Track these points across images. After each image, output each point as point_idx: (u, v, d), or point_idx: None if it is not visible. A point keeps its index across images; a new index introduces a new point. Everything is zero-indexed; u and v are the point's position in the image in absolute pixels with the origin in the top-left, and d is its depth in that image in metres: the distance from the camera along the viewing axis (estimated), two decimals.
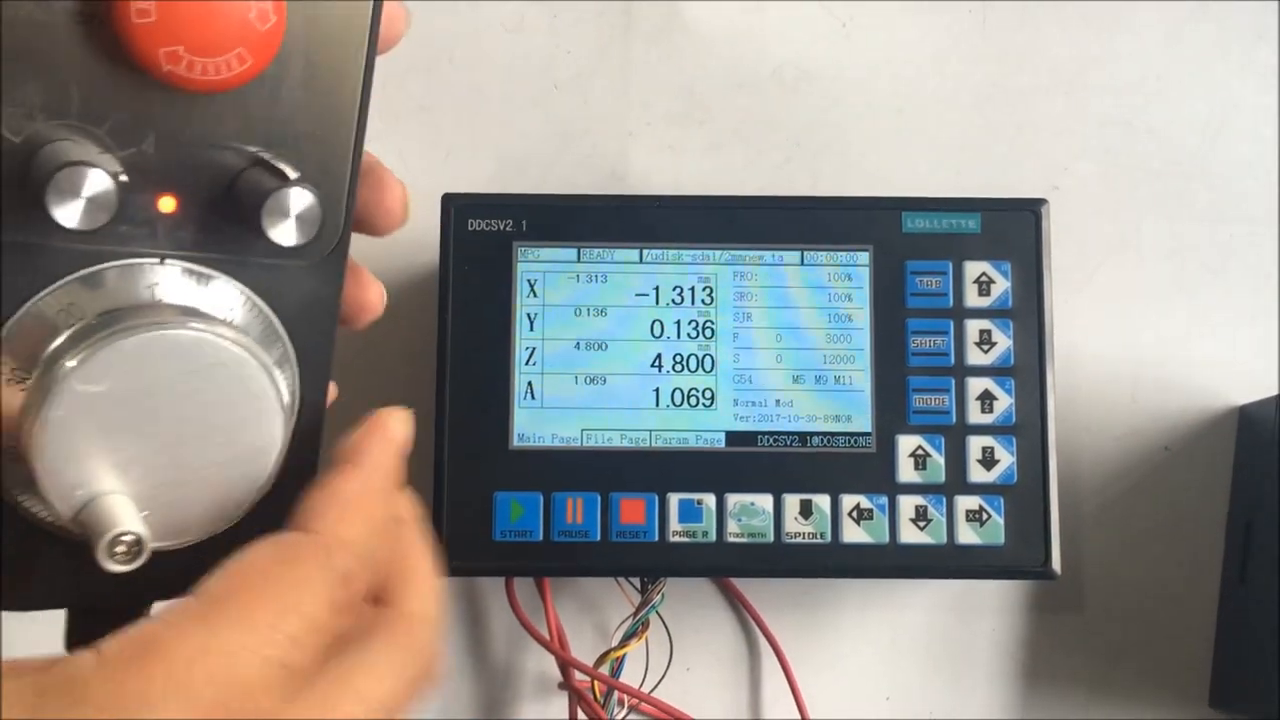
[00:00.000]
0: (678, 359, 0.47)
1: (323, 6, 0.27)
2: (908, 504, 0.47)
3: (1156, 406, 0.55)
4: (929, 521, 0.46)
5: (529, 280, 0.47)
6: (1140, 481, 0.54)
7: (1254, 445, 0.53)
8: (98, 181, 0.24)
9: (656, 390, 0.47)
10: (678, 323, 0.48)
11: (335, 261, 0.30)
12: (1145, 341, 0.55)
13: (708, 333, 0.47)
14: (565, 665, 0.48)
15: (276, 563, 0.25)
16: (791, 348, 0.47)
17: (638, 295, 0.48)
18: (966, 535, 0.46)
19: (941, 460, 0.47)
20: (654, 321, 0.47)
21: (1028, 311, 0.47)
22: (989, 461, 0.47)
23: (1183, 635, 0.53)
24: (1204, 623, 0.53)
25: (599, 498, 0.46)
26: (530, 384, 0.47)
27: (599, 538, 0.46)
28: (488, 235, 0.48)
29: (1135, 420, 0.55)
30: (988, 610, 0.53)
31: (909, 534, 0.46)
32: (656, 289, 0.48)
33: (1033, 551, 0.46)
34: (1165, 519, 0.54)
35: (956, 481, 0.47)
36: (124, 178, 0.26)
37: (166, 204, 0.27)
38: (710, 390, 0.47)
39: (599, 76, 0.56)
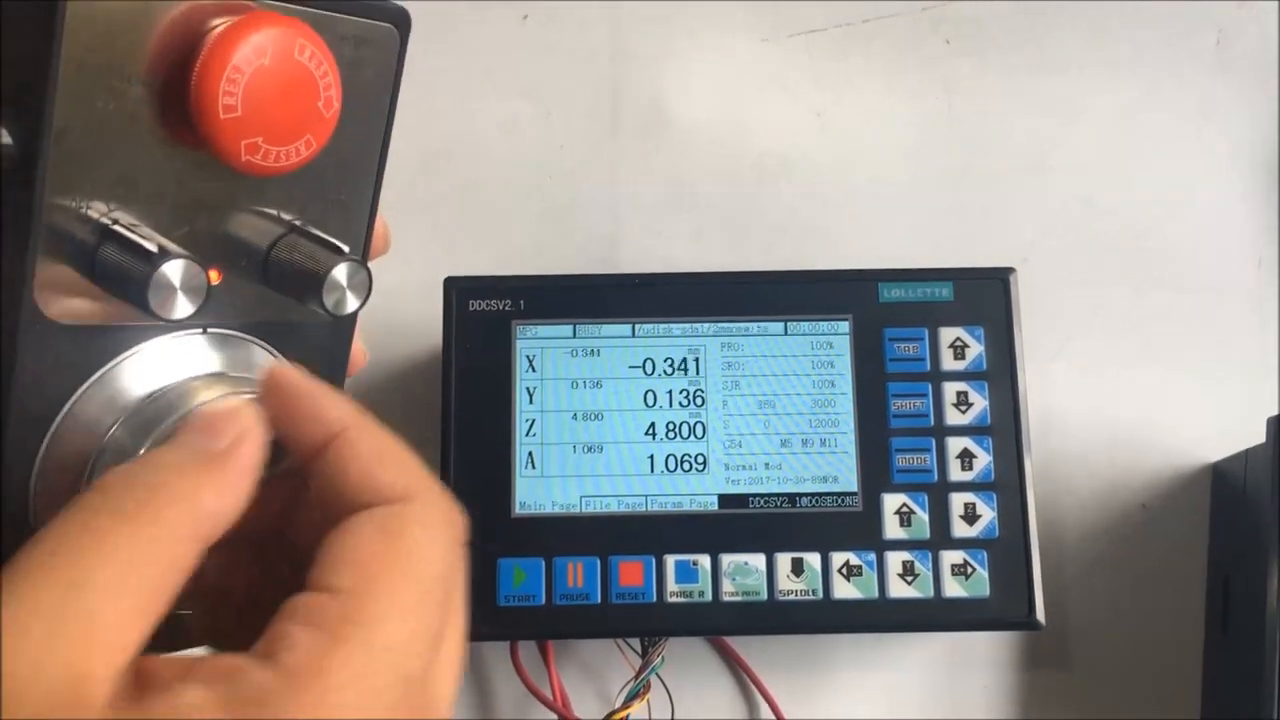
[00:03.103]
0: (670, 427, 0.50)
1: (356, 79, 0.28)
2: (895, 559, 0.48)
3: (1133, 466, 0.57)
4: (916, 576, 0.48)
5: (528, 356, 0.50)
6: (1120, 539, 0.56)
7: (1228, 499, 0.55)
8: (195, 274, 0.25)
9: (651, 457, 0.49)
10: (669, 392, 0.50)
11: (351, 319, 0.32)
12: (1119, 404, 0.57)
13: (698, 401, 0.50)
14: None
15: (388, 542, 0.25)
16: (778, 413, 0.50)
17: (631, 367, 0.50)
18: (953, 589, 0.48)
19: (926, 517, 0.49)
20: (647, 392, 0.50)
21: (1001, 373, 0.50)
22: (971, 517, 0.49)
23: (1169, 687, 0.55)
24: (1189, 674, 0.55)
25: (598, 561, 0.48)
26: (530, 454, 0.49)
27: (599, 600, 0.48)
28: (488, 315, 0.50)
29: (1113, 480, 0.57)
30: (979, 667, 0.55)
31: (897, 589, 0.48)
32: (648, 361, 0.50)
33: (1017, 603, 0.48)
34: (1146, 574, 0.56)
35: (941, 537, 0.49)
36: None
37: (212, 277, 0.27)
38: (702, 456, 0.49)
39: (590, 169, 0.60)
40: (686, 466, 0.49)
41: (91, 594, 0.21)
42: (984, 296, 0.51)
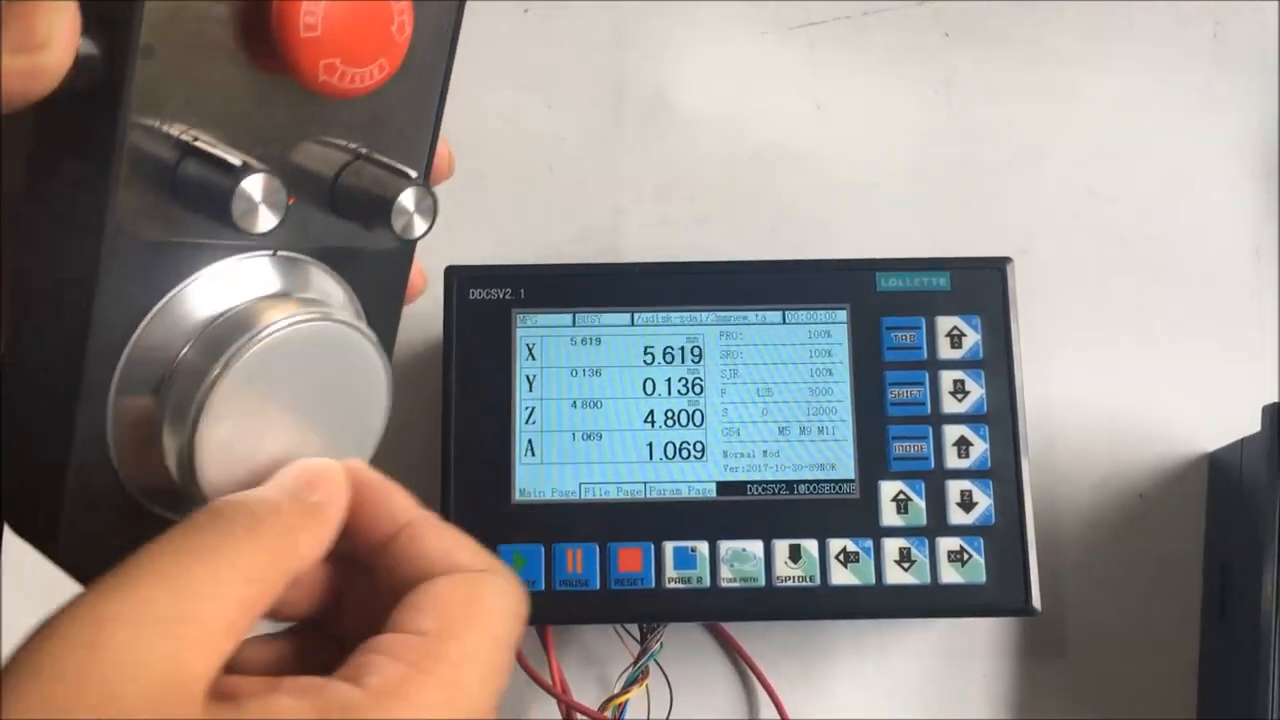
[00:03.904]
0: (669, 415, 0.50)
1: (424, 8, 0.28)
2: (892, 546, 0.49)
3: (1130, 455, 0.57)
4: (913, 562, 0.49)
5: (528, 344, 0.50)
6: (1117, 527, 0.56)
7: (1225, 488, 0.55)
8: (275, 189, 0.25)
9: (650, 444, 0.50)
10: (668, 381, 0.50)
11: (412, 246, 0.32)
12: (1117, 393, 0.58)
13: (697, 389, 0.50)
14: (570, 711, 0.50)
15: (469, 599, 0.27)
16: (776, 401, 0.50)
17: (630, 356, 0.50)
18: (949, 575, 0.48)
19: (922, 504, 0.49)
20: (646, 380, 0.50)
21: (998, 361, 0.50)
22: (968, 504, 0.49)
23: (1165, 674, 0.55)
24: (1186, 661, 0.55)
25: (597, 548, 0.49)
26: (530, 441, 0.50)
27: (598, 586, 0.48)
28: (488, 304, 0.51)
29: (1110, 468, 0.57)
30: (977, 655, 0.55)
31: (894, 575, 0.49)
32: (648, 349, 0.51)
33: (1013, 589, 0.48)
34: (1143, 562, 0.56)
35: (937, 524, 0.49)
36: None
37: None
38: (701, 443, 0.50)
39: (591, 159, 0.60)
40: (685, 454, 0.50)
41: (200, 599, 0.23)
42: (981, 286, 0.51)
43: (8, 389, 0.27)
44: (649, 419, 0.50)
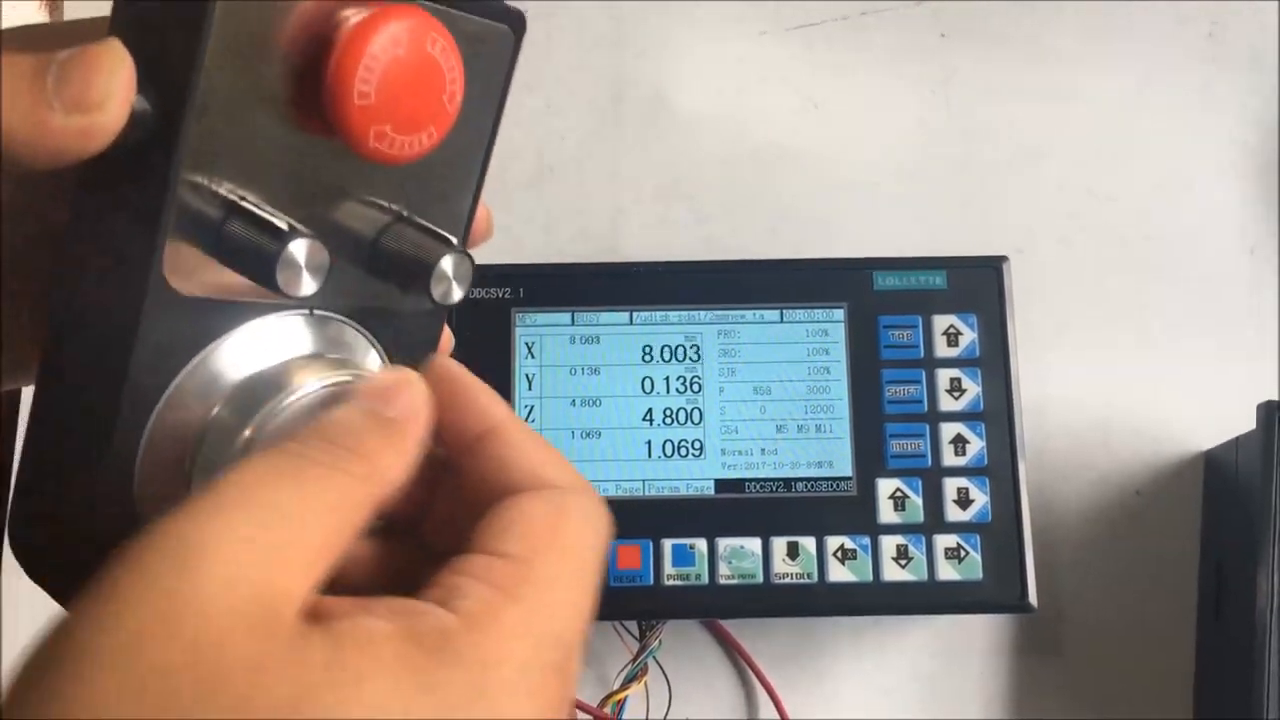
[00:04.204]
0: (667, 413, 0.50)
1: (473, 78, 0.28)
2: (889, 543, 0.49)
3: (1127, 453, 0.57)
4: (910, 560, 0.49)
5: (527, 343, 0.51)
6: (1114, 524, 0.57)
7: (1220, 486, 0.55)
8: (318, 254, 0.25)
9: (648, 442, 0.50)
10: (666, 379, 0.51)
11: (443, 311, 0.32)
12: (1114, 392, 0.58)
13: (695, 388, 0.51)
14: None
15: (555, 519, 0.26)
16: (774, 400, 0.50)
17: (629, 355, 0.51)
18: (946, 572, 0.49)
19: (919, 501, 0.49)
20: (644, 378, 0.51)
21: (994, 359, 0.51)
22: (964, 501, 0.49)
23: (1162, 670, 0.55)
24: (1182, 658, 0.55)
25: None
26: None
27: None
28: (488, 303, 0.51)
29: (1107, 466, 0.57)
30: (974, 653, 0.55)
31: (892, 572, 0.49)
32: (646, 348, 0.51)
33: (1010, 585, 0.49)
34: (1139, 560, 0.56)
35: (934, 521, 0.49)
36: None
37: None
38: (699, 441, 0.50)
39: (591, 159, 0.61)
40: (683, 452, 0.50)
41: (288, 522, 0.23)
42: (977, 284, 0.51)
43: (33, 435, 0.27)
44: (647, 417, 0.50)
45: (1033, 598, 0.48)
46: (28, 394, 0.60)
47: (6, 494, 0.57)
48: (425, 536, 0.30)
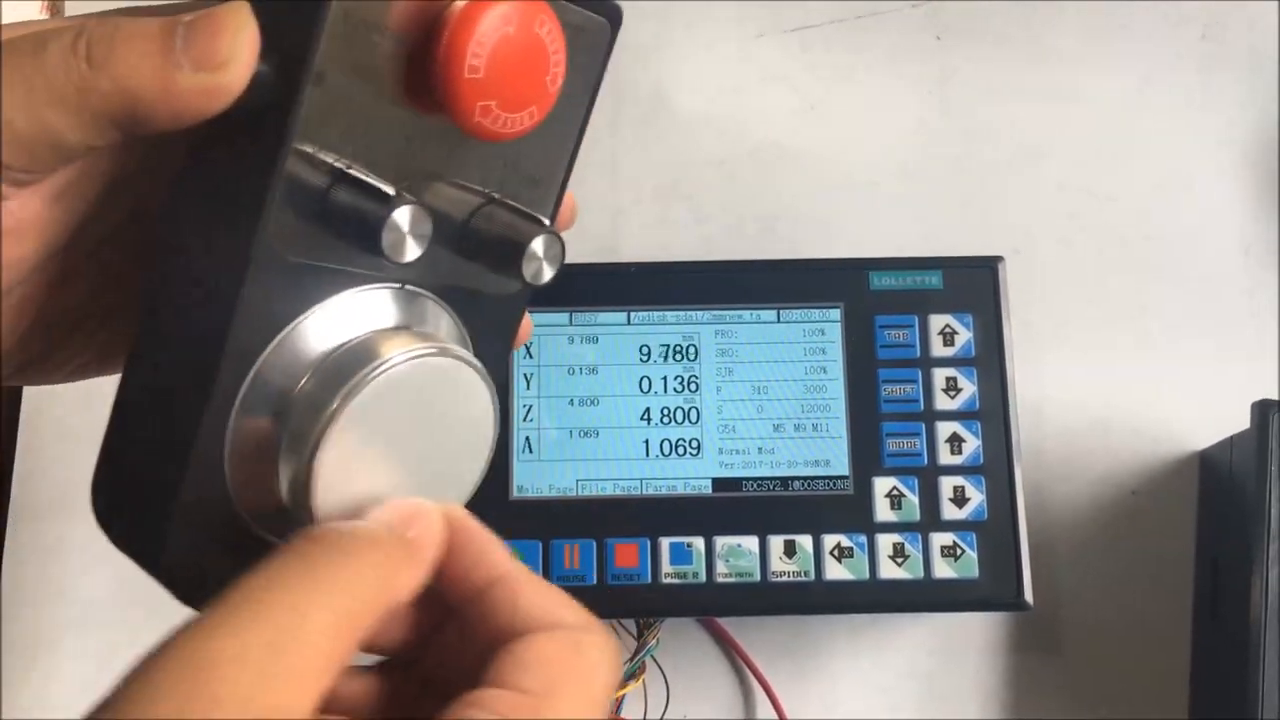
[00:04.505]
0: (665, 412, 0.51)
1: (574, 63, 0.29)
2: (886, 542, 0.49)
3: (1122, 453, 0.58)
4: (906, 558, 0.49)
5: (525, 343, 0.51)
6: (1110, 524, 0.57)
7: (1215, 485, 0.56)
8: (422, 220, 0.26)
9: (646, 441, 0.50)
10: (664, 378, 0.51)
11: (527, 293, 0.33)
12: (1110, 392, 0.58)
13: (692, 387, 0.51)
14: None
15: (571, 657, 0.26)
16: (771, 399, 0.51)
17: (626, 354, 0.51)
18: (943, 570, 0.49)
19: (916, 500, 0.50)
20: (642, 378, 0.51)
21: (990, 359, 0.51)
22: (960, 500, 0.50)
23: (1158, 670, 0.55)
24: (1178, 656, 0.56)
25: (594, 544, 0.49)
26: (528, 439, 0.50)
27: (595, 581, 0.49)
28: None
29: (1103, 466, 0.58)
30: (971, 651, 0.56)
31: (888, 570, 0.49)
32: (644, 348, 0.51)
33: (1006, 583, 0.49)
34: (1135, 559, 0.56)
35: (931, 519, 0.50)
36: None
37: None
38: (696, 440, 0.50)
39: (590, 159, 0.61)
40: (681, 451, 0.50)
41: (304, 635, 0.23)
42: (973, 284, 0.52)
43: (126, 398, 0.28)
44: (645, 416, 0.51)
45: (1029, 596, 0.49)
46: (28, 394, 0.60)
47: (7, 495, 0.57)
48: (424, 671, 0.30)
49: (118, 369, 0.28)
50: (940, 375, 0.51)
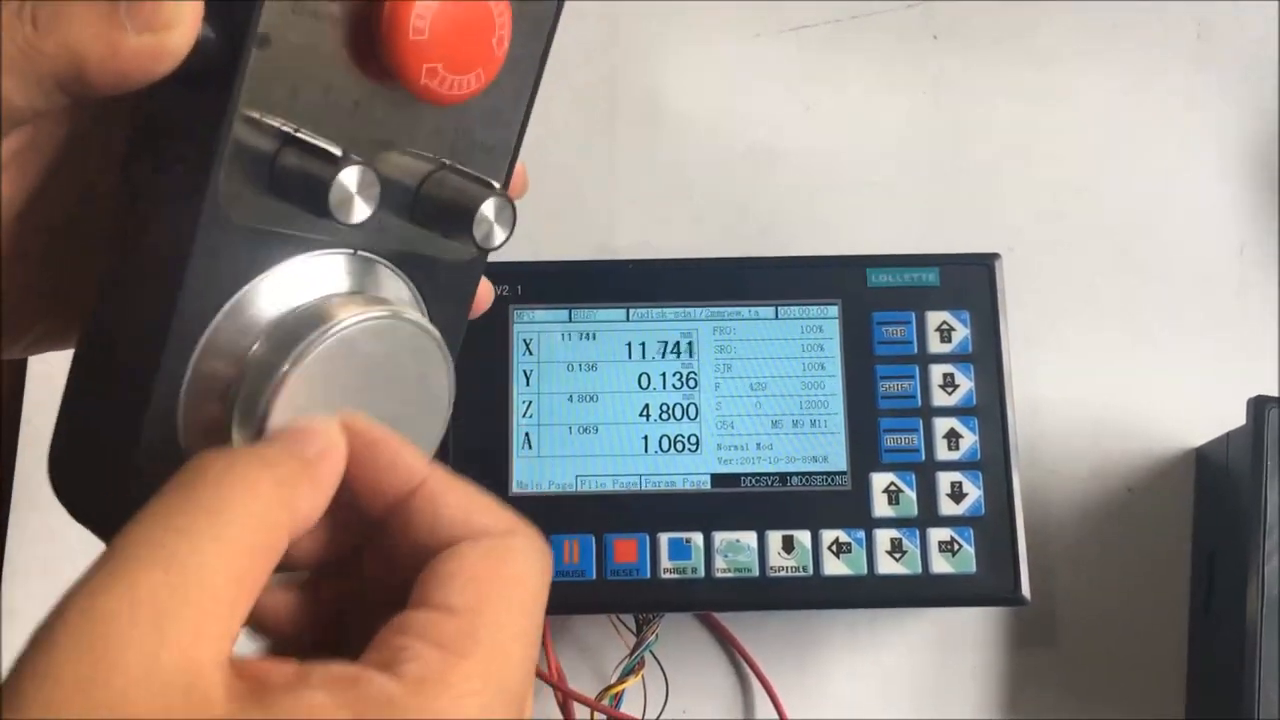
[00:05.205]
0: (664, 408, 0.51)
1: (520, 26, 0.29)
2: (883, 537, 0.50)
3: (1118, 450, 0.58)
4: (904, 553, 0.49)
5: (524, 340, 0.51)
6: (1106, 520, 0.57)
7: (1211, 482, 0.56)
8: (370, 180, 0.26)
9: (645, 437, 0.50)
10: (663, 375, 0.51)
11: (481, 261, 0.33)
12: (1106, 389, 0.59)
13: (691, 383, 0.51)
14: (566, 699, 0.51)
15: (497, 567, 0.25)
16: (769, 395, 0.51)
17: (625, 351, 0.51)
18: (940, 565, 0.49)
19: (913, 495, 0.50)
20: (641, 374, 0.51)
21: (986, 355, 0.51)
22: (958, 495, 0.50)
23: (1155, 666, 0.56)
24: (1175, 653, 0.56)
25: (593, 539, 0.49)
26: (528, 435, 0.50)
27: (594, 576, 0.49)
28: None
29: (1098, 463, 0.58)
30: (969, 647, 0.56)
31: (886, 565, 0.49)
32: (643, 344, 0.51)
33: (1003, 579, 0.49)
34: (1131, 555, 0.57)
35: (928, 515, 0.50)
36: None
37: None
38: (695, 436, 0.51)
39: (587, 158, 0.61)
40: (680, 447, 0.50)
41: (197, 578, 0.21)
42: (970, 281, 0.52)
43: (79, 369, 0.28)
44: (644, 413, 0.51)
45: (1026, 591, 0.49)
46: (30, 385, 0.60)
47: (9, 498, 0.57)
48: (361, 576, 0.29)
49: (73, 344, 0.28)
50: (937, 371, 0.51)
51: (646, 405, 0.51)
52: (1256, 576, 0.49)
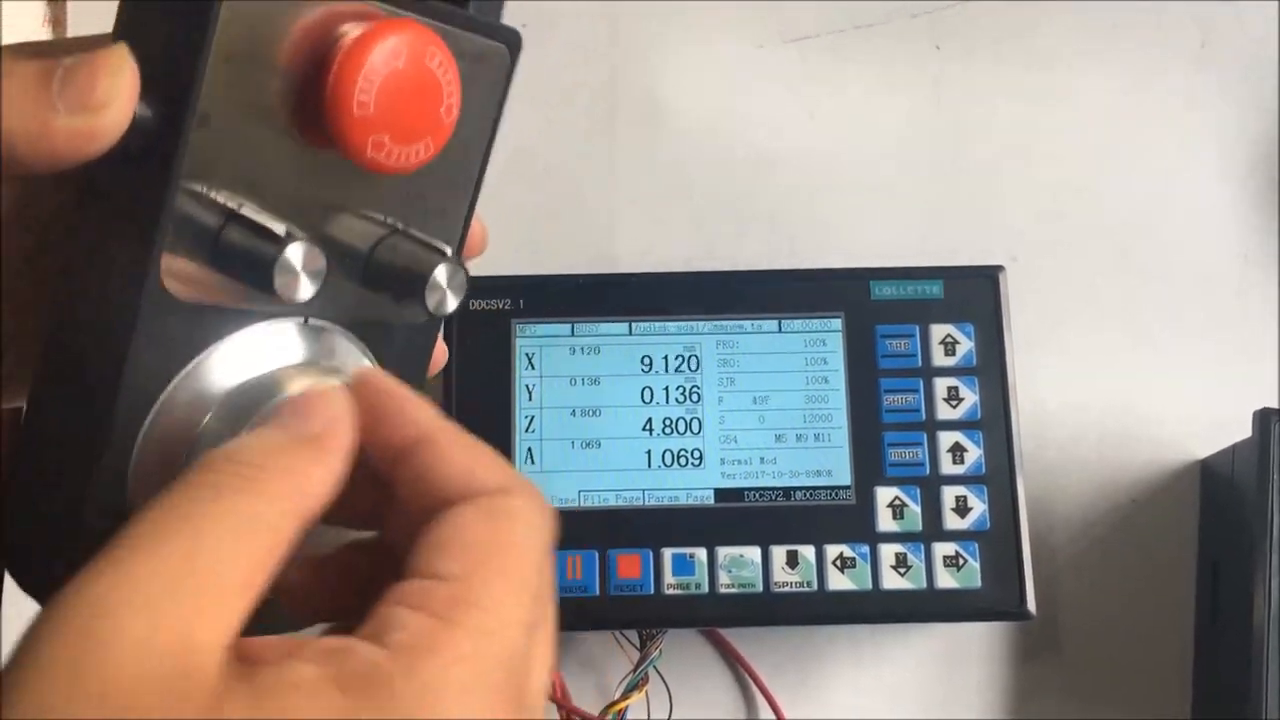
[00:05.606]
0: (667, 422, 0.51)
1: (470, 92, 0.28)
2: (888, 552, 0.49)
3: (1122, 461, 0.58)
4: (909, 568, 0.49)
5: (527, 354, 0.51)
6: (1110, 531, 0.57)
7: (1217, 494, 0.56)
8: (316, 258, 0.25)
9: (648, 452, 0.50)
10: (666, 389, 0.51)
11: (437, 323, 0.32)
12: (1111, 400, 0.58)
13: (694, 397, 0.51)
14: (570, 716, 0.50)
15: (494, 531, 0.25)
16: (773, 409, 0.51)
17: (628, 365, 0.51)
18: (945, 580, 0.49)
19: (918, 509, 0.50)
20: (644, 388, 0.51)
21: (991, 368, 0.51)
22: (962, 509, 0.50)
23: (1160, 678, 0.55)
24: (1181, 665, 0.56)
25: (597, 554, 0.49)
26: (530, 449, 0.50)
27: (598, 592, 0.49)
28: (488, 314, 0.51)
29: (1102, 474, 0.58)
30: (974, 661, 0.56)
31: (891, 580, 0.49)
32: (645, 358, 0.51)
33: (1008, 593, 0.49)
34: (1136, 566, 0.57)
35: (933, 529, 0.50)
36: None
37: None
38: (698, 450, 0.50)
39: (588, 168, 0.61)
40: (683, 461, 0.50)
41: (200, 564, 0.21)
42: (973, 294, 0.52)
43: (25, 447, 0.27)
44: (647, 427, 0.51)
45: (1031, 605, 0.49)
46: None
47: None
48: (388, 550, 0.28)
49: (24, 396, 0.28)
50: (942, 385, 0.51)
51: (649, 419, 0.51)
52: (1262, 588, 0.49)
